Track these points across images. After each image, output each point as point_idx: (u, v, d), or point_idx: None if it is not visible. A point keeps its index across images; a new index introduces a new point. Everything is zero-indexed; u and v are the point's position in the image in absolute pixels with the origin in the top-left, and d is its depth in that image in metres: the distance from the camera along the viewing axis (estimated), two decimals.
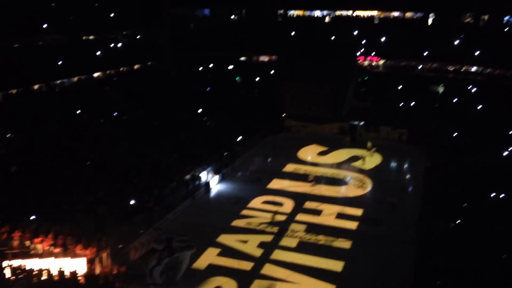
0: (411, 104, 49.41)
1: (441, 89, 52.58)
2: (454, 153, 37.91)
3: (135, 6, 53.63)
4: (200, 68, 57.84)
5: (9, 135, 32.40)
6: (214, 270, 24.33)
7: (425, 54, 54.73)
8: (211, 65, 58.25)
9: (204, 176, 35.70)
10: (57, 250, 22.32)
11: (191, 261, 24.21)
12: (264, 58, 61.80)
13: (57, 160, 30.90)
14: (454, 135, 42.21)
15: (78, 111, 38.44)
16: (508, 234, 23.53)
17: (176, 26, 60.05)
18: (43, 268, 20.52)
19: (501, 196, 28.55)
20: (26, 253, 21.96)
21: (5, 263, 20.24)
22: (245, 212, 31.62)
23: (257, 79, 56.37)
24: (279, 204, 32.85)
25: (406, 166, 42.83)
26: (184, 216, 30.94)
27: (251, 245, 27.10)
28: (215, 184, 36.16)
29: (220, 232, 28.29)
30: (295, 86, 49.37)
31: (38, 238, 22.80)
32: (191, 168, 35.85)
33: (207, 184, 35.19)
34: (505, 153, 36.39)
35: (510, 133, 40.48)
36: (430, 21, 62.28)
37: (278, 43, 55.06)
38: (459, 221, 26.17)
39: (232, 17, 70.79)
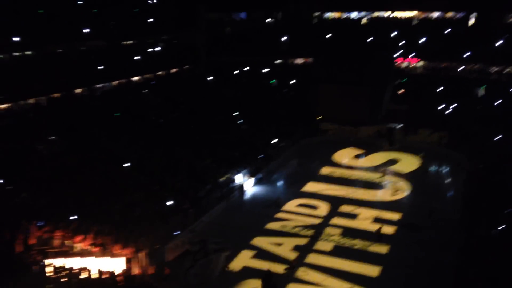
0: (452, 107, 47.94)
1: (482, 92, 50.82)
2: (496, 157, 36.52)
3: (173, 11, 54.63)
4: (236, 72, 58.21)
5: (52, 137, 33.58)
6: (248, 273, 24.35)
7: (466, 55, 53.06)
8: (246, 69, 58.51)
9: (239, 178, 35.85)
10: (96, 249, 22.94)
11: (226, 263, 24.32)
12: (300, 61, 61.52)
13: (97, 161, 31.79)
14: (496, 138, 40.65)
15: (118, 114, 39.44)
16: None
17: (212, 30, 60.75)
18: (83, 267, 21.12)
19: None
20: (67, 252, 22.67)
21: (47, 262, 20.95)
22: (279, 215, 31.53)
23: (292, 82, 56.17)
24: (314, 207, 32.59)
25: (446, 170, 41.58)
26: (218, 218, 31.16)
27: (286, 248, 26.99)
28: (250, 186, 36.25)
29: (255, 235, 28.32)
30: (330, 89, 48.94)
31: (78, 238, 23.50)
32: (226, 170, 36.09)
33: (241, 186, 35.33)
34: None
35: None
36: (472, 21, 60.33)
37: (314, 45, 54.68)
38: (501, 227, 25.16)
39: (268, 20, 70.85)
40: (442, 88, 51.03)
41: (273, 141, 43.14)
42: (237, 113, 46.68)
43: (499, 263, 21.41)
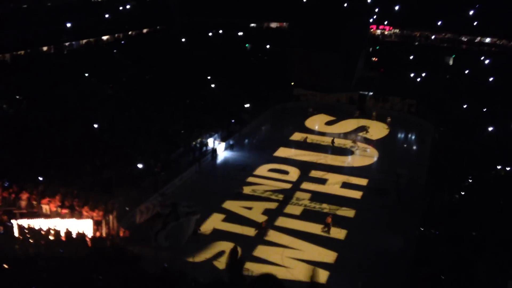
0: (422, 75, 48.66)
1: (451, 61, 51.71)
2: (463, 125, 37.57)
3: None
4: (210, 34, 57.13)
5: (17, 96, 32.52)
6: (218, 235, 24.71)
7: (438, 24, 53.50)
8: (220, 31, 57.46)
9: (211, 142, 35.82)
10: (64, 211, 22.75)
11: (197, 226, 24.58)
12: (274, 25, 60.76)
13: (64, 122, 31.05)
14: (464, 107, 41.71)
15: (86, 74, 38.37)
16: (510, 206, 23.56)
17: None
18: (51, 228, 20.97)
19: (507, 169, 28.44)
20: (34, 213, 22.41)
21: (13, 222, 20.70)
22: (251, 179, 31.84)
23: (267, 46, 55.61)
24: (285, 172, 33.02)
25: (413, 137, 42.59)
26: (190, 181, 31.25)
27: (256, 211, 27.41)
28: (222, 150, 36.31)
29: (226, 198, 28.60)
30: (305, 55, 48.75)
31: (45, 199, 23.20)
32: (199, 134, 35.95)
33: (213, 150, 35.35)
34: None
35: None
36: None
37: (289, 10, 53.99)
38: (463, 193, 26.18)
39: None
40: (413, 56, 51.59)
41: (246, 106, 43.01)
42: (211, 76, 46.09)
43: (460, 225, 22.35)
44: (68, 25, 41.85)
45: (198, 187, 30.38)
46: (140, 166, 28.70)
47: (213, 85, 44.89)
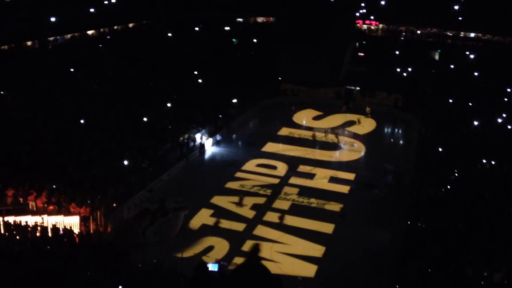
0: (408, 70, 49.02)
1: (437, 56, 52.19)
2: (448, 119, 37.99)
3: None
4: (196, 29, 56.78)
5: (1, 92, 32.03)
6: (207, 231, 24.70)
7: (424, 19, 53.86)
8: (207, 26, 57.13)
9: (198, 138, 35.71)
10: (51, 207, 22.52)
11: (184, 222, 24.52)
12: (261, 19, 60.62)
13: (50, 118, 30.70)
14: (449, 101, 42.15)
15: (71, 69, 37.91)
16: (496, 200, 23.90)
17: None
18: (37, 224, 20.75)
19: (493, 163, 28.85)
20: (20, 210, 22.14)
21: None
22: (239, 174, 31.83)
23: (254, 41, 55.45)
24: (273, 167, 33.08)
25: (400, 132, 42.94)
26: (178, 177, 31.14)
27: (244, 206, 27.42)
28: (209, 146, 36.22)
29: (214, 194, 28.56)
30: (292, 50, 48.73)
31: (32, 196, 22.94)
32: (186, 130, 35.80)
33: (201, 146, 35.24)
34: (500, 120, 36.54)
35: (505, 100, 40.57)
36: None
37: (276, 5, 53.86)
38: (449, 187, 26.50)
39: None
40: (399, 51, 51.94)
41: (233, 101, 42.93)
42: (198, 71, 45.86)
43: (446, 219, 22.62)
44: (53, 19, 41.22)
45: (186, 182, 30.29)
46: (127, 162, 28.50)
47: (200, 80, 44.67)
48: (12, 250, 18.12)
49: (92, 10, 46.21)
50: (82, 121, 31.43)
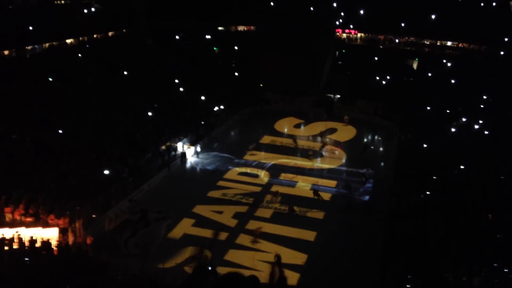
0: (387, 78, 49.73)
1: (415, 64, 53.09)
2: (426, 126, 38.59)
3: None
4: (177, 37, 56.72)
5: None
6: (189, 240, 24.49)
7: (402, 27, 54.76)
8: (187, 35, 57.11)
9: (180, 147, 35.52)
10: (28, 219, 22.09)
11: (166, 232, 24.30)
12: (242, 28, 60.87)
13: (27, 128, 30.20)
14: (427, 108, 42.87)
15: (50, 79, 37.43)
16: (474, 205, 24.35)
17: None
18: (14, 237, 20.33)
19: (467, 169, 29.45)
20: None
21: None
22: (221, 183, 31.74)
23: (235, 49, 55.62)
24: (255, 175, 33.10)
25: (380, 139, 43.44)
26: (159, 186, 30.89)
27: (226, 215, 27.33)
28: (191, 155, 36.06)
29: (196, 203, 28.39)
30: (273, 58, 48.98)
31: (8, 207, 22.48)
32: (167, 139, 35.58)
33: (183, 154, 35.06)
34: (476, 127, 37.31)
35: (481, 107, 41.47)
36: None
37: (257, 14, 54.16)
38: (428, 192, 26.88)
39: None
40: (378, 59, 52.67)
41: (215, 109, 42.89)
42: (179, 80, 45.73)
43: (426, 224, 22.94)
44: (31, 28, 40.71)
45: (168, 192, 30.05)
46: (107, 172, 28.16)
47: (181, 89, 44.55)
48: None
49: (71, 19, 45.82)
50: (60, 131, 30.99)
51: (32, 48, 42.08)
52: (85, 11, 49.00)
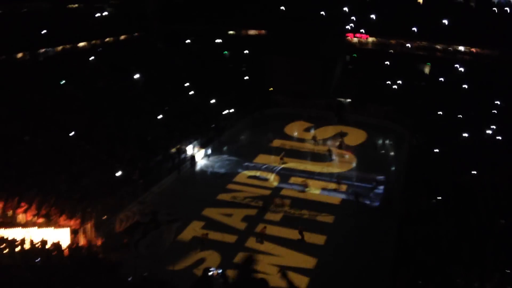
0: (398, 82, 49.44)
1: (427, 68, 52.69)
2: (438, 131, 38.28)
3: None
4: (188, 41, 56.93)
5: None
6: (198, 243, 24.51)
7: (414, 32, 54.42)
8: (199, 38, 57.30)
9: (190, 149, 35.62)
10: (40, 220, 22.27)
11: (176, 234, 24.36)
12: (253, 32, 60.91)
13: (40, 130, 30.50)
14: (439, 113, 42.53)
15: (62, 81, 37.76)
16: (486, 211, 24.06)
17: None
18: (26, 238, 20.49)
19: (481, 174, 29.10)
20: (9, 223, 21.87)
21: None
22: (230, 186, 31.75)
23: (246, 53, 55.68)
24: (265, 179, 33.07)
25: (390, 143, 43.14)
26: (169, 189, 30.98)
27: (236, 218, 27.32)
28: (201, 158, 36.13)
29: (205, 206, 28.42)
30: (283, 62, 49.00)
31: (21, 208, 22.69)
32: (177, 141, 35.70)
33: (193, 157, 35.14)
34: (488, 132, 36.94)
35: (494, 112, 41.05)
36: None
37: (268, 17, 54.24)
38: (440, 197, 26.63)
39: None
40: (389, 63, 52.38)
41: (225, 112, 42.96)
42: (189, 83, 45.89)
43: (437, 230, 22.71)
44: (44, 31, 41.12)
45: (178, 194, 30.14)
46: (118, 174, 28.32)
47: (191, 92, 44.70)
48: (1, 264, 17.89)
49: (83, 22, 46.19)
50: (72, 133, 31.25)
51: (45, 51, 42.40)
52: (98, 14, 49.35)
